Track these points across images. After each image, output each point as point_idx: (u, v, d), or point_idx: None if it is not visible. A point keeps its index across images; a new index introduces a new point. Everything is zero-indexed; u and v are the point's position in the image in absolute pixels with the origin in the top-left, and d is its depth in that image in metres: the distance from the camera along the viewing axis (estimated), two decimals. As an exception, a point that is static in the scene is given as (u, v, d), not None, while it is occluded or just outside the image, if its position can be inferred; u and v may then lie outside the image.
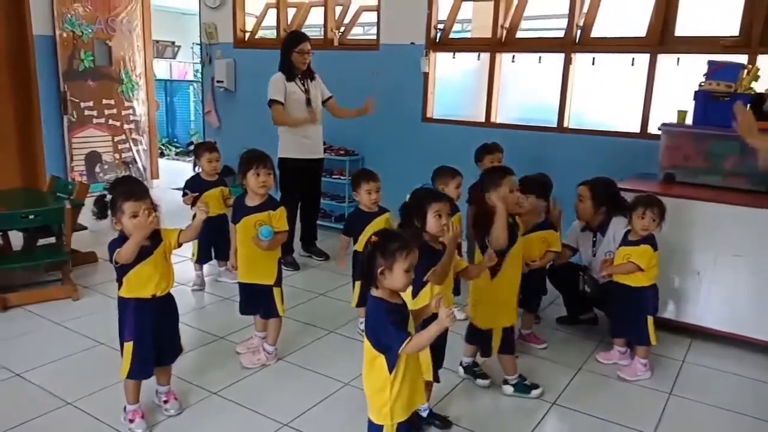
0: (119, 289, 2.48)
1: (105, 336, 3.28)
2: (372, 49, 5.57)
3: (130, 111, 7.22)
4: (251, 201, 3.01)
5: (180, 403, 2.70)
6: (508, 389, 2.97)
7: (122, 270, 2.42)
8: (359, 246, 3.33)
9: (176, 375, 2.95)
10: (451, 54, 5.24)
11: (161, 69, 14.41)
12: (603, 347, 3.44)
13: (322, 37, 5.93)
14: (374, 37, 5.63)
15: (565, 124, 4.78)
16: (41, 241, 4.27)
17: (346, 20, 6.08)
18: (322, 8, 5.91)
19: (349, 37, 6.05)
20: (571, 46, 4.66)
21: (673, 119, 3.92)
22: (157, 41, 14.13)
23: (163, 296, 2.52)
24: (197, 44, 7.09)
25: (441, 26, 5.28)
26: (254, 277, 3.06)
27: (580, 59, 4.69)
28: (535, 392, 2.95)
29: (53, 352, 3.17)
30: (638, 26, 4.49)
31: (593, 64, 4.59)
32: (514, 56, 4.96)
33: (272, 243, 2.94)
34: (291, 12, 6.36)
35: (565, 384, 3.08)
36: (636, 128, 4.48)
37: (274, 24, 6.41)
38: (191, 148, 4.99)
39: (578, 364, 3.29)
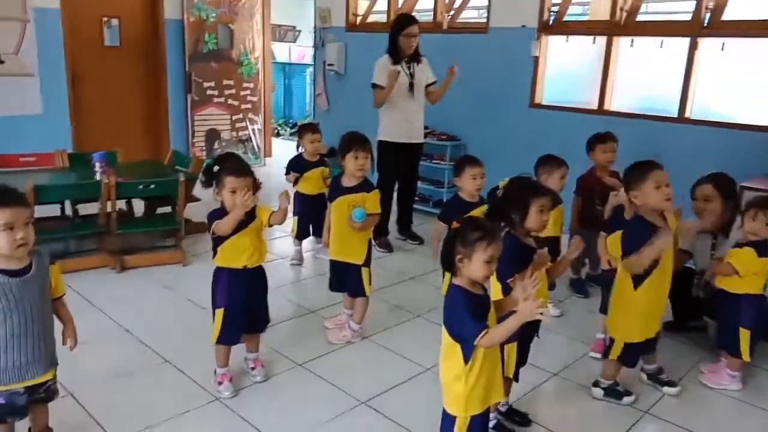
0: (213, 257, 2.61)
1: (206, 302, 3.45)
2: (481, 32, 5.44)
3: (248, 92, 7.58)
4: (348, 182, 3.07)
5: (266, 370, 2.83)
6: (598, 392, 2.82)
7: (218, 240, 2.56)
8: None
9: (266, 344, 3.09)
10: (564, 38, 4.99)
11: (281, 52, 14.98)
12: (710, 358, 3.17)
13: (432, 21, 5.87)
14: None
15: (687, 114, 4.41)
16: (160, 210, 4.62)
17: (458, 4, 5.98)
18: (434, -9, 5.86)
19: (460, 21, 5.95)
20: (698, 30, 4.28)
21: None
22: (279, 26, 14.72)
23: (254, 268, 2.63)
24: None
25: (555, 9, 5.05)
26: (345, 256, 3.12)
27: (708, 44, 4.29)
28: (627, 399, 2.78)
29: (158, 313, 3.44)
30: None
31: (722, 49, 4.19)
32: (633, 40, 4.64)
33: (364, 224, 2.98)
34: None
35: (661, 393, 2.87)
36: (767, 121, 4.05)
37: (386, 8, 6.44)
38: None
39: (680, 374, 3.06)
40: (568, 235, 3.87)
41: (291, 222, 4.53)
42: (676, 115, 4.45)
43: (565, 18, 5.07)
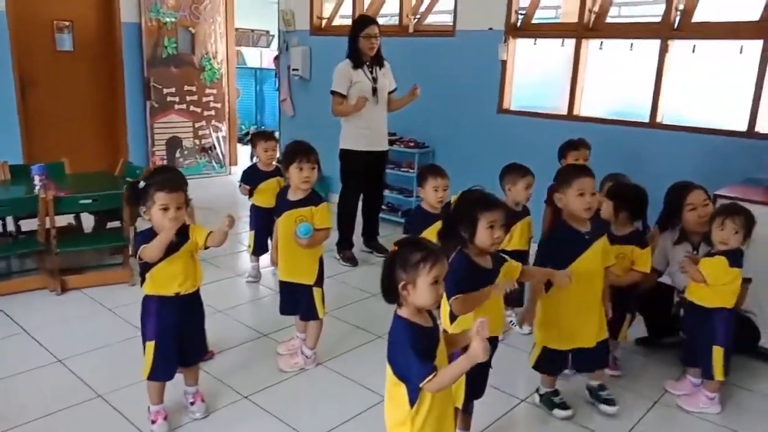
0: (141, 285, 2.37)
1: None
2: (447, 36, 5.26)
3: (211, 98, 7.31)
4: (294, 195, 2.83)
5: (207, 405, 2.58)
6: (535, 398, 2.74)
7: (146, 266, 2.31)
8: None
9: (210, 373, 2.86)
10: (533, 41, 4.82)
11: (253, 57, 14.72)
12: (679, 376, 2.99)
13: (398, 24, 5.68)
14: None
15: (659, 120, 4.26)
16: (111, 225, 4.34)
17: (424, 7, 5.78)
18: (399, -7, 5.66)
19: (427, 24, 5.75)
20: (668, 32, 4.13)
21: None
22: (252, 30, 14.45)
23: (187, 295, 2.39)
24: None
25: (523, 11, 4.88)
26: (294, 276, 2.89)
27: (679, 47, 4.15)
28: (559, 412, 2.65)
29: (97, 340, 3.16)
30: (750, 9, 3.90)
31: (693, 52, 4.04)
32: (602, 43, 4.48)
33: (312, 240, 2.75)
34: (369, -2, 6.15)
35: (639, 416, 2.69)
36: (742, 126, 3.90)
37: (351, 12, 6.22)
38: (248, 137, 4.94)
39: (656, 396, 2.88)
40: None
41: (247, 237, 4.30)
42: (647, 120, 4.29)
43: (534, 20, 4.89)
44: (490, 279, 2.17)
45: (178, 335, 2.38)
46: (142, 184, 2.34)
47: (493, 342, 2.22)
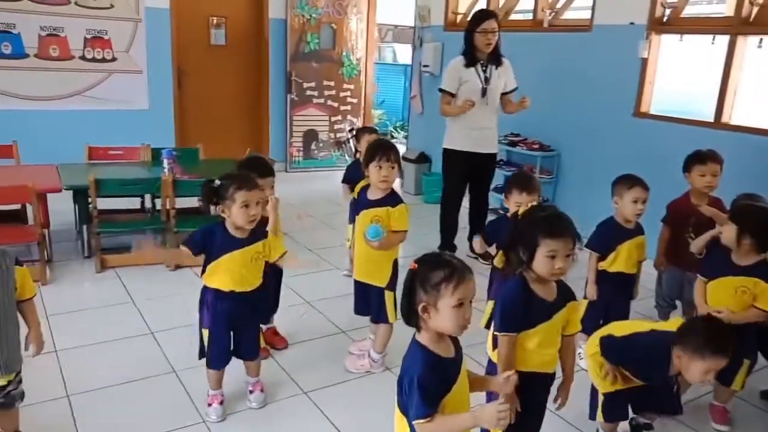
0: (202, 274, 2.43)
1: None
2: (584, 31, 4.84)
3: (348, 93, 7.49)
4: (372, 194, 2.75)
5: (265, 396, 2.61)
6: None
7: (208, 257, 2.37)
8: (498, 261, 2.83)
9: (279, 364, 2.89)
10: (678, 37, 4.27)
11: (406, 54, 14.89)
12: None
13: (532, 19, 5.36)
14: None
15: (828, 132, 3.56)
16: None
17: (562, 2, 5.39)
18: (537, -13, 5.33)
19: (566, 18, 5.36)
20: None
21: None
22: (411, 27, 14.62)
23: (245, 293, 2.41)
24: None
25: (673, 4, 4.33)
26: (367, 276, 2.82)
27: None
28: None
29: (190, 316, 3.29)
30: None
31: None
32: (761, 40, 3.84)
33: (385, 243, 2.64)
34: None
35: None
36: None
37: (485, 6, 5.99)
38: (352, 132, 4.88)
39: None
40: (657, 272, 3.30)
41: (347, 230, 4.31)
42: (813, 132, 3.61)
43: (684, 14, 4.33)
44: (548, 313, 1.91)
45: (232, 326, 2.42)
46: (217, 183, 2.38)
47: (544, 380, 1.99)
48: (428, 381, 1.49)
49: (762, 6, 3.86)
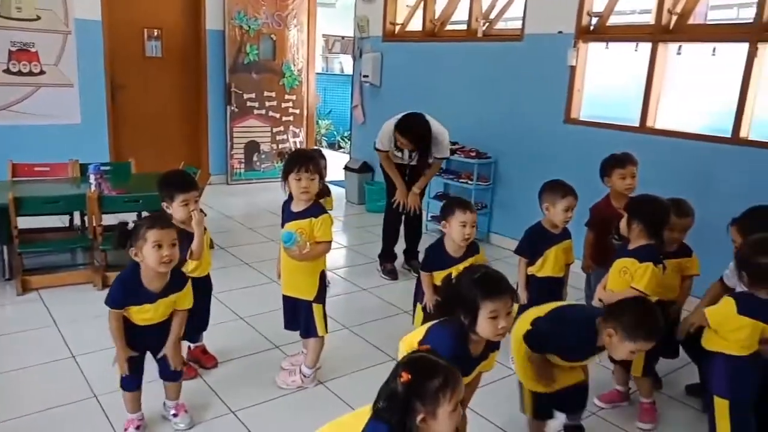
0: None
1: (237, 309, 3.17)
2: (515, 41, 4.93)
3: (290, 104, 7.43)
4: (296, 206, 2.70)
5: (191, 417, 2.52)
6: None
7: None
8: (436, 279, 2.79)
9: (207, 382, 2.81)
10: (604, 45, 4.39)
11: (349, 65, 14.92)
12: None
13: (466, 29, 5.43)
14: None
15: (743, 135, 3.71)
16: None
17: (496, 12, 5.49)
18: (472, -3, 5.41)
19: (499, 28, 5.45)
20: (758, 34, 3.58)
21: None
22: (343, 37, 14.67)
23: (157, 323, 2.32)
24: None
25: (599, 14, 4.46)
26: (294, 290, 2.77)
27: (770, 51, 3.59)
28: None
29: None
30: None
31: (787, 57, 3.47)
32: (680, 47, 3.98)
33: (309, 254, 2.60)
34: (442, 3, 5.93)
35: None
36: None
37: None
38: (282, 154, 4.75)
39: None
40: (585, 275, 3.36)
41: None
42: (729, 135, 3.75)
43: (609, 23, 4.46)
44: (471, 368, 1.93)
45: (147, 349, 2.34)
46: (131, 225, 2.28)
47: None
48: None
49: (680, 15, 4.01)
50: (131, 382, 2.34)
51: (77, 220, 4.58)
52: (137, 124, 6.58)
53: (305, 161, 2.60)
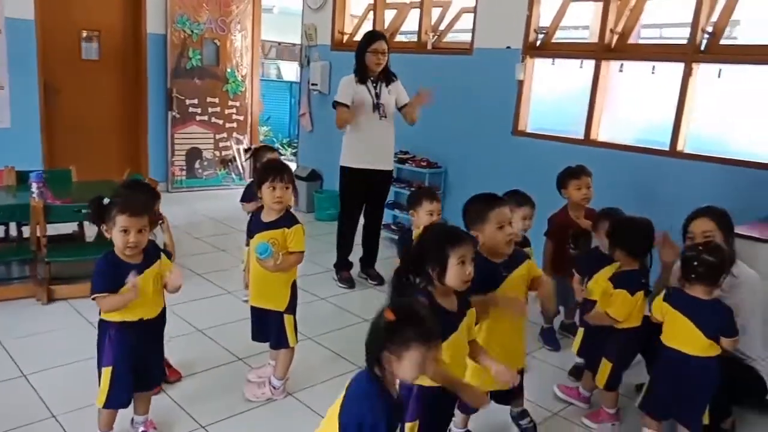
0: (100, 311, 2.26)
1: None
2: (465, 54, 5.08)
3: (234, 110, 7.30)
4: (267, 216, 2.69)
5: (160, 434, 2.45)
6: None
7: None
8: None
9: (172, 398, 2.73)
10: (551, 60, 4.60)
11: (290, 71, 14.84)
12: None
13: (416, 41, 5.54)
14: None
15: (680, 148, 3.98)
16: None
17: (445, 24, 5.63)
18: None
19: (448, 41, 5.59)
20: (693, 55, 3.86)
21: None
22: (293, 45, 14.59)
23: (151, 319, 2.27)
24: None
25: (545, 31, 4.66)
26: (264, 301, 2.74)
27: (704, 70, 3.87)
28: None
29: (68, 355, 3.05)
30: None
31: (719, 76, 3.75)
32: (622, 65, 4.23)
33: (282, 264, 2.59)
34: (391, 14, 6.03)
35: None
36: (770, 158, 3.60)
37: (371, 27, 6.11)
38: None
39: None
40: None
41: (243, 253, 4.18)
42: (667, 148, 4.01)
43: (558, 40, 4.67)
44: (453, 323, 1.98)
45: (136, 360, 2.26)
46: (106, 200, 2.25)
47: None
48: (382, 419, 1.52)
49: (621, 34, 4.26)
50: (121, 399, 2.27)
51: (13, 231, 4.33)
52: (73, 130, 6.29)
53: (280, 170, 2.61)
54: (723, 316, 2.34)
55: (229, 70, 7.15)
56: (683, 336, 2.39)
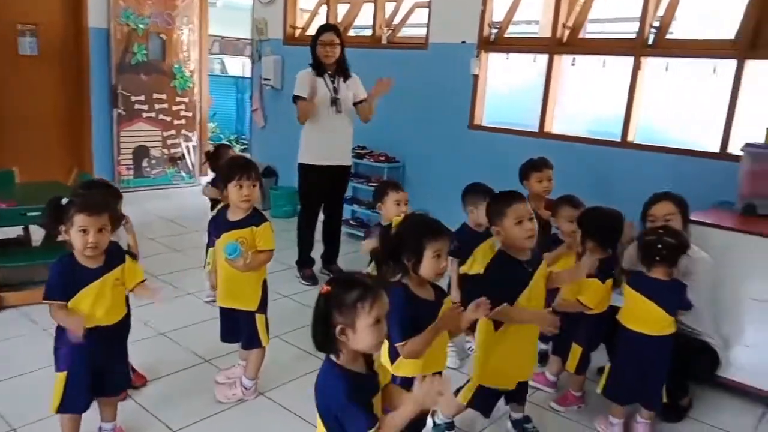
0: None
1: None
2: (420, 49, 5.11)
3: (182, 106, 7.11)
4: (233, 215, 2.64)
5: (130, 440, 2.38)
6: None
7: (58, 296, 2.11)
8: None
9: (139, 403, 2.66)
10: (505, 55, 4.68)
11: (235, 66, 14.56)
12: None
13: (371, 35, 5.54)
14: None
15: (630, 139, 4.12)
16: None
17: (401, 17, 5.65)
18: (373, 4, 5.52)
19: (403, 36, 5.61)
20: (641, 49, 4.00)
21: (761, 138, 3.24)
22: (238, 39, 14.32)
23: (111, 325, 2.19)
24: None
25: (498, 25, 4.74)
26: (234, 302, 2.70)
27: (652, 64, 4.02)
28: None
29: (22, 364, 2.93)
30: (724, 28, 3.78)
31: (667, 70, 3.92)
32: (574, 59, 4.35)
33: (252, 263, 2.55)
34: (344, 9, 5.99)
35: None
36: (715, 147, 3.77)
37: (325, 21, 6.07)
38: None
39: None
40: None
41: (209, 254, 4.09)
42: (618, 139, 4.15)
43: (510, 35, 4.75)
44: (433, 312, 2.01)
45: (94, 365, 2.17)
46: (65, 200, 2.16)
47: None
48: (357, 393, 1.52)
49: (572, 29, 4.38)
50: (79, 403, 2.17)
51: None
52: (12, 129, 5.97)
53: (247, 168, 2.56)
54: (682, 294, 2.51)
55: (176, 65, 6.95)
56: (645, 317, 2.51)
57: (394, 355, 1.98)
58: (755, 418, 2.89)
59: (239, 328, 2.73)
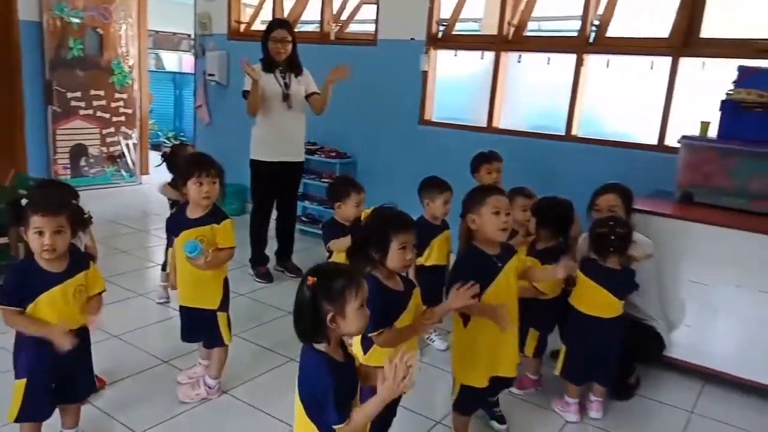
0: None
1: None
2: (369, 45, 5.14)
3: (121, 103, 6.89)
4: (193, 212, 2.60)
5: (93, 446, 2.32)
6: None
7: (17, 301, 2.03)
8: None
9: (99, 408, 2.59)
10: (453, 52, 4.78)
11: (172, 61, 14.18)
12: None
13: (319, 31, 5.52)
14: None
15: (574, 132, 4.30)
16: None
17: (348, 13, 5.65)
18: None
19: (351, 32, 5.62)
20: (583, 47, 4.18)
21: (696, 131, 3.45)
22: (174, 33, 13.93)
23: (72, 331, 2.11)
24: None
25: (445, 23, 4.83)
26: (196, 301, 2.66)
27: (594, 61, 4.20)
28: None
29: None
30: (660, 26, 4.00)
31: (608, 66, 4.11)
32: (520, 56, 4.49)
33: (213, 261, 2.52)
34: (289, 4, 5.95)
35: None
36: (653, 140, 3.99)
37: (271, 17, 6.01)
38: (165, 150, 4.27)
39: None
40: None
41: (160, 252, 4.02)
42: (563, 133, 4.32)
43: (456, 32, 4.85)
44: (403, 302, 2.06)
45: (57, 372, 2.10)
46: (24, 201, 2.07)
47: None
48: (337, 383, 1.56)
49: (517, 27, 4.51)
50: (39, 411, 2.09)
51: None
52: (-64, 128, 5.65)
53: (207, 165, 2.53)
54: (631, 279, 2.68)
55: (114, 60, 6.72)
56: (598, 302, 2.65)
57: (367, 345, 2.02)
58: (695, 393, 3.09)
59: (201, 327, 2.69)
